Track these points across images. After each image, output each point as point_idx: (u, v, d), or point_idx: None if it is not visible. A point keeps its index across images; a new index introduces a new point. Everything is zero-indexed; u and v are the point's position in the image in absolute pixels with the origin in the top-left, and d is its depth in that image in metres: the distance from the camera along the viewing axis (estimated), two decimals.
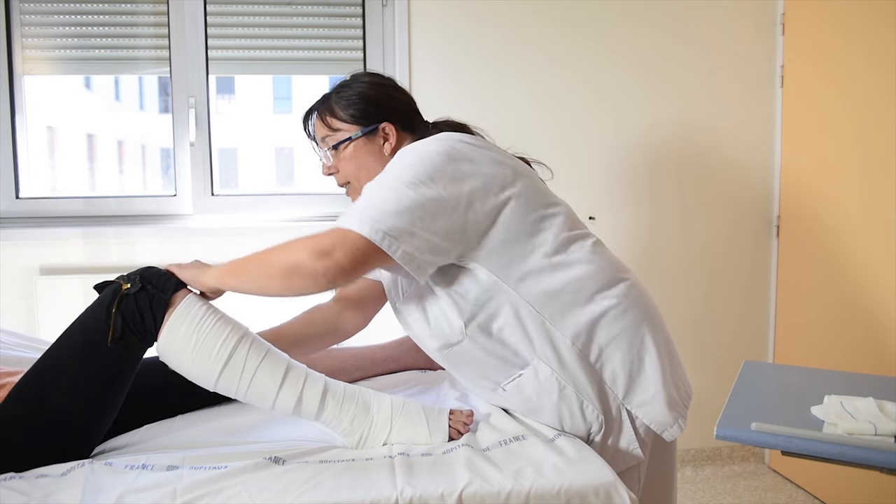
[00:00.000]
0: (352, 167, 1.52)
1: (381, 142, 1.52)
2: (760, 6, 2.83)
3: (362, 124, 1.51)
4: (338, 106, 1.52)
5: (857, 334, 2.45)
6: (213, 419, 1.49)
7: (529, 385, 1.39)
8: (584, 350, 1.38)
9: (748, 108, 2.88)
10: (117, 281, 1.33)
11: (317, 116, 1.55)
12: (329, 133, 1.53)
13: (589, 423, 1.39)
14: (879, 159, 2.34)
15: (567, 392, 1.38)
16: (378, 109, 1.52)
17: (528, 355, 1.38)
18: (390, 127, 1.52)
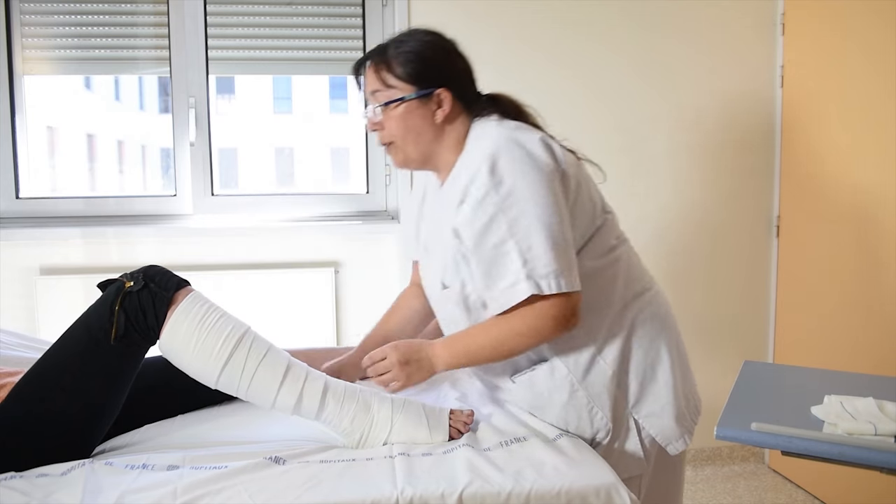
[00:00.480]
0: (399, 128, 1.41)
1: (434, 107, 1.41)
2: (760, 6, 2.83)
3: (418, 86, 1.40)
4: (395, 61, 1.40)
5: (857, 334, 2.45)
6: (214, 419, 1.49)
7: (542, 381, 1.40)
8: (601, 355, 1.40)
9: (748, 108, 2.88)
10: (121, 279, 1.33)
11: (371, 68, 1.43)
12: (381, 88, 1.41)
13: (596, 428, 1.41)
14: (879, 159, 2.34)
15: (578, 395, 1.40)
16: (436, 73, 1.41)
17: (548, 352, 1.40)
18: (446, 93, 1.41)
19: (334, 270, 2.70)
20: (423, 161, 1.45)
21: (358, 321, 2.75)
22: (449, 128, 1.43)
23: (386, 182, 2.79)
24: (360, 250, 2.74)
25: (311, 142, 3.56)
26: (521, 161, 1.32)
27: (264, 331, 1.39)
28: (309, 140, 3.60)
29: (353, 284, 2.74)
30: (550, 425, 1.39)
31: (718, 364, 2.77)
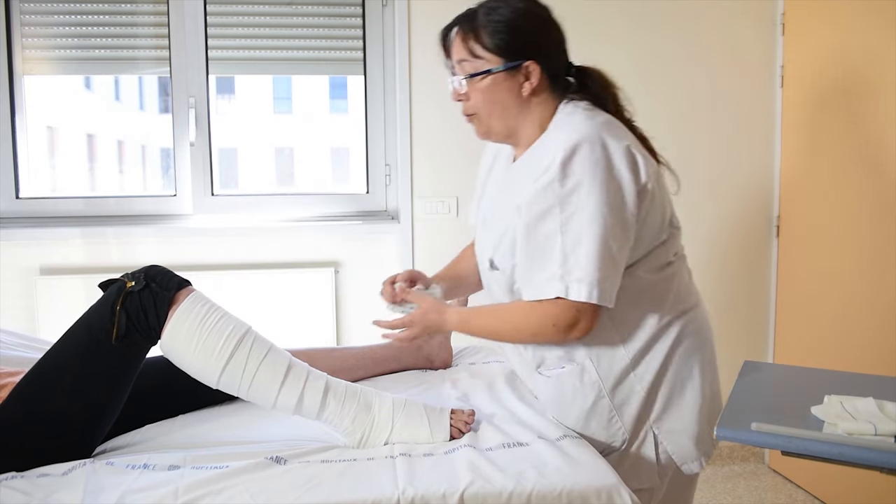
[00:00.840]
0: (484, 101, 1.36)
1: (521, 80, 1.35)
2: (760, 6, 2.83)
3: (506, 58, 1.33)
4: (484, 30, 1.34)
5: (857, 334, 2.46)
6: (215, 419, 1.49)
7: (569, 382, 1.38)
8: (635, 370, 1.38)
9: (748, 108, 2.88)
10: (122, 279, 1.33)
11: (459, 35, 1.37)
12: (468, 58, 1.35)
13: (611, 437, 1.40)
14: (879, 159, 2.34)
15: (603, 402, 1.38)
16: (527, 45, 1.34)
17: (582, 354, 1.38)
18: (535, 67, 1.34)
19: (334, 270, 2.70)
20: (506, 135, 1.40)
21: (358, 321, 2.75)
22: (535, 101, 1.37)
23: (386, 182, 2.79)
24: (360, 250, 2.74)
25: (311, 142, 3.56)
26: (597, 162, 1.26)
27: (265, 331, 1.39)
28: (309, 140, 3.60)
29: (353, 284, 2.74)
30: (553, 426, 1.39)
31: (719, 364, 2.77)
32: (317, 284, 2.65)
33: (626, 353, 1.37)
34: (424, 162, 2.74)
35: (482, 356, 1.89)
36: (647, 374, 1.38)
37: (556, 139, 1.31)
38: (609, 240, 1.25)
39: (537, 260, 1.28)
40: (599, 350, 1.37)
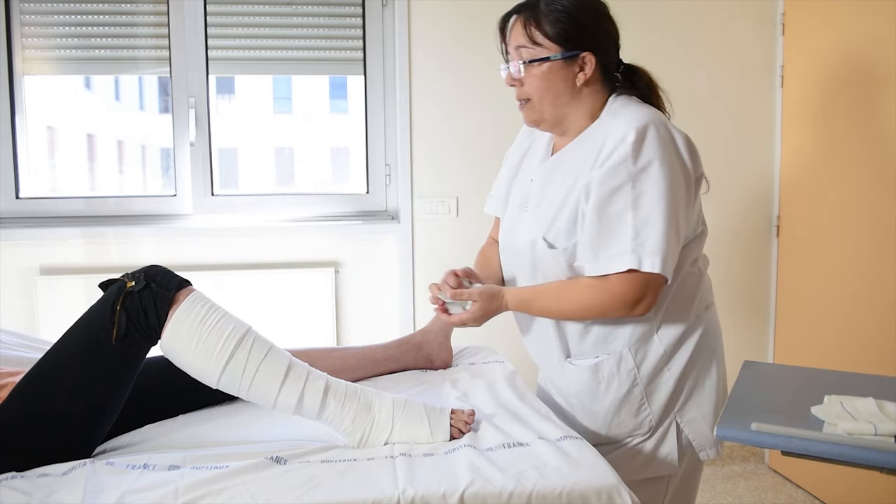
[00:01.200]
0: (539, 87, 1.39)
1: (576, 70, 1.39)
2: (760, 6, 2.83)
3: (564, 47, 1.37)
4: (545, 19, 1.37)
5: (857, 334, 2.46)
6: (215, 419, 1.49)
7: (607, 369, 1.43)
8: (670, 362, 1.45)
9: (748, 108, 2.88)
10: (122, 279, 1.33)
11: (519, 22, 1.41)
12: (527, 45, 1.39)
13: (639, 424, 1.46)
14: (879, 159, 2.34)
15: (636, 391, 1.44)
16: (585, 36, 1.39)
17: (621, 343, 1.43)
18: (591, 58, 1.39)
19: (334, 270, 2.70)
20: (556, 122, 1.44)
21: (358, 321, 2.76)
22: (587, 91, 1.42)
23: (386, 182, 2.79)
24: (360, 250, 2.74)
25: (311, 142, 3.56)
26: (666, 144, 1.33)
27: (265, 331, 1.39)
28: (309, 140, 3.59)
29: (353, 284, 2.74)
30: (553, 426, 1.39)
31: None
32: (317, 284, 2.65)
33: (661, 344, 1.44)
34: (424, 162, 2.74)
35: (482, 356, 1.89)
36: (676, 365, 1.45)
37: (617, 124, 1.37)
38: (676, 217, 1.32)
39: (606, 236, 1.32)
40: (638, 340, 1.43)
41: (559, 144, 1.50)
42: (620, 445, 1.49)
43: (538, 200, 1.46)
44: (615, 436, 1.48)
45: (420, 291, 2.77)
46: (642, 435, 1.47)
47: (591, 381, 1.45)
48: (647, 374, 1.44)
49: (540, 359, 1.58)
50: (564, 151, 1.46)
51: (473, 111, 2.75)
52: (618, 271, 1.31)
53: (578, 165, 1.40)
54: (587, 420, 1.50)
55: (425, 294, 2.74)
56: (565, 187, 1.41)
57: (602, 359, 1.44)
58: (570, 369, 1.47)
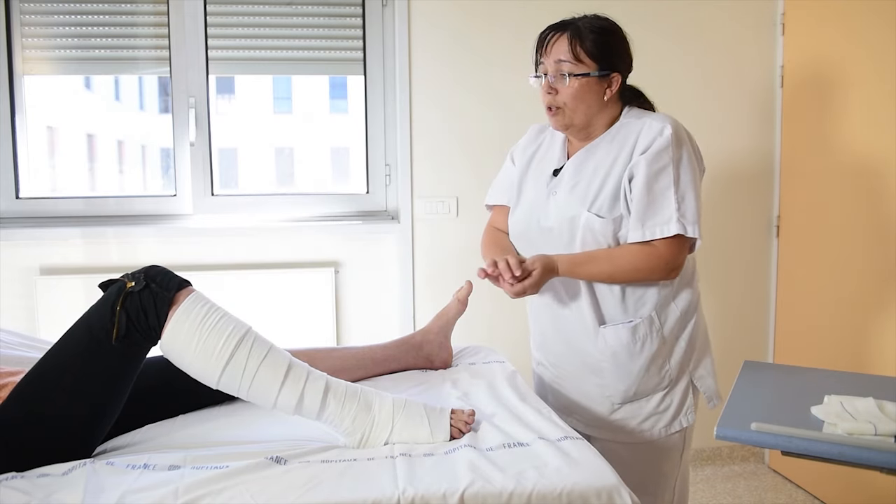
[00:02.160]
0: (573, 98, 1.62)
1: (605, 86, 1.64)
2: (760, 6, 2.83)
3: (601, 66, 1.61)
4: (588, 39, 1.60)
5: (857, 334, 2.46)
6: (215, 419, 1.49)
7: (643, 330, 1.65)
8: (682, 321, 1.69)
9: (748, 108, 2.88)
10: (122, 279, 1.33)
11: (564, 39, 1.62)
12: (569, 59, 1.61)
13: (661, 379, 1.68)
14: (879, 159, 2.34)
15: (662, 350, 1.67)
16: (617, 59, 1.64)
17: (648, 308, 1.66)
18: (618, 78, 1.65)
19: (334, 270, 2.70)
20: (582, 128, 1.67)
21: (358, 321, 2.76)
22: (609, 105, 1.66)
23: (386, 182, 2.79)
24: (360, 250, 2.74)
25: (311, 142, 3.56)
26: (690, 140, 1.65)
27: (265, 331, 1.39)
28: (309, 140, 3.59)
29: (353, 284, 2.74)
30: (553, 426, 1.39)
31: (719, 364, 2.77)
32: (317, 284, 2.65)
33: (677, 309, 1.69)
34: (424, 162, 2.74)
35: (482, 356, 1.89)
36: (689, 329, 1.71)
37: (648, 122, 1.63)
38: (699, 195, 1.62)
39: (652, 208, 1.58)
40: (661, 305, 1.66)
41: (577, 144, 1.72)
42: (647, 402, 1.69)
43: (573, 184, 1.66)
44: (642, 392, 1.68)
45: (420, 291, 2.77)
46: (662, 389, 1.69)
47: (630, 341, 1.64)
48: (668, 335, 1.67)
49: (572, 330, 1.71)
50: (592, 146, 1.68)
51: (473, 111, 2.75)
52: (666, 235, 1.57)
53: (613, 154, 1.64)
54: (619, 380, 1.67)
55: (425, 294, 2.76)
56: (602, 170, 1.64)
57: (637, 321, 1.65)
58: (607, 332, 1.65)
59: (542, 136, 1.84)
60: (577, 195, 1.65)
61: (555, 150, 1.76)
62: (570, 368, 1.74)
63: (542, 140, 1.82)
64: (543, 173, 1.75)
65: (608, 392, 1.69)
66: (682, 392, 1.71)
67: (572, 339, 1.71)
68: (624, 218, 1.61)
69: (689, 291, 1.72)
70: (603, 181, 1.63)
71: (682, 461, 1.76)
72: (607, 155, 1.65)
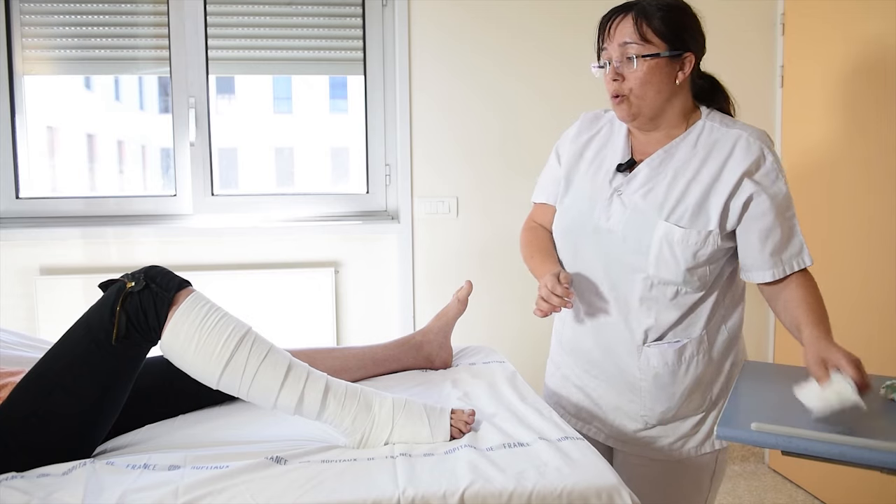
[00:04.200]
0: (642, 82, 1.46)
1: (677, 68, 1.49)
2: (760, 6, 2.83)
3: (672, 45, 1.47)
4: (655, 17, 1.46)
5: (857, 334, 2.45)
6: (215, 419, 1.49)
7: (690, 350, 1.53)
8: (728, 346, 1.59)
9: (748, 108, 2.87)
10: (122, 279, 1.33)
11: (629, 19, 1.47)
12: (637, 41, 1.45)
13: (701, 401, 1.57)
14: (879, 159, 2.34)
15: (709, 372, 1.56)
16: (689, 38, 1.51)
17: (699, 327, 1.54)
18: (691, 58, 1.51)
19: (334, 270, 2.70)
20: (652, 118, 1.51)
21: (358, 321, 2.76)
22: (680, 90, 1.52)
23: (386, 182, 2.79)
24: (360, 250, 2.74)
25: (311, 142, 3.56)
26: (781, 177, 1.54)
27: (265, 331, 1.39)
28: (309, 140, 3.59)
29: (353, 284, 2.74)
30: (553, 426, 1.39)
31: None
32: (317, 284, 2.65)
33: (726, 331, 1.59)
34: (424, 162, 2.74)
35: (482, 356, 1.89)
36: (734, 349, 1.61)
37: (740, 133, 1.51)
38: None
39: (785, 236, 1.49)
40: (712, 326, 1.56)
41: (642, 138, 1.56)
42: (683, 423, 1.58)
43: (648, 187, 1.50)
44: (681, 415, 1.57)
45: (420, 291, 2.77)
46: (702, 412, 1.58)
47: (675, 361, 1.52)
48: (716, 358, 1.57)
49: (608, 341, 1.57)
50: (671, 147, 1.52)
51: (474, 111, 2.75)
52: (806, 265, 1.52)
53: (698, 161, 1.49)
54: (658, 402, 1.55)
55: (425, 294, 2.76)
56: (684, 178, 1.49)
57: (685, 342, 1.53)
58: (651, 352, 1.53)
59: (597, 124, 1.66)
60: (653, 201, 1.48)
61: (617, 143, 1.59)
62: (604, 380, 1.60)
63: (599, 129, 1.65)
64: (603, 167, 1.57)
65: (643, 412, 1.57)
66: (718, 413, 1.55)
67: (613, 353, 1.57)
68: (713, 236, 1.46)
69: (739, 310, 1.63)
70: (685, 190, 1.47)
71: (713, 486, 1.63)
72: (690, 161, 1.49)
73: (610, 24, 1.49)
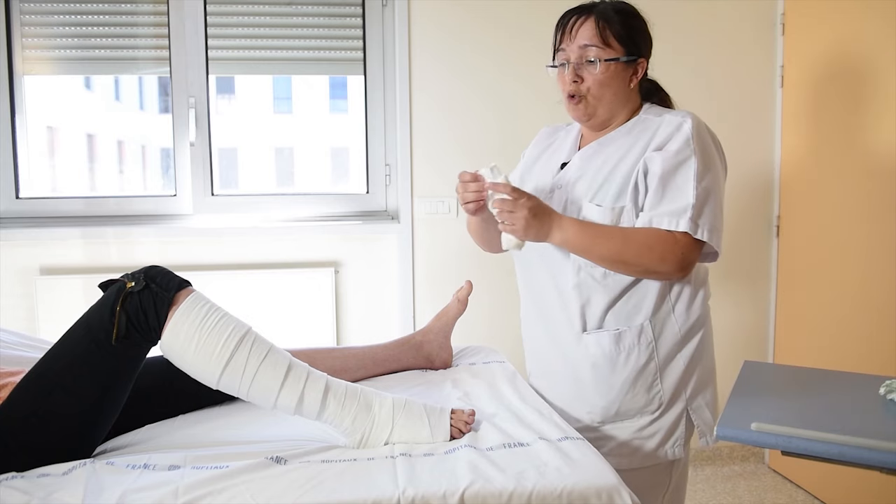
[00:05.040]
0: (601, 85, 1.51)
1: (631, 73, 1.54)
2: (760, 6, 2.83)
3: (629, 51, 1.52)
4: (615, 22, 1.51)
5: (857, 334, 2.46)
6: (215, 419, 1.49)
7: (629, 339, 1.50)
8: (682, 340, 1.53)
9: (748, 108, 2.88)
10: (122, 279, 1.33)
11: (590, 22, 1.51)
12: (597, 45, 1.50)
13: (651, 400, 1.52)
14: (879, 159, 2.34)
15: (651, 365, 1.52)
16: (644, 44, 1.56)
17: (642, 317, 1.51)
18: (644, 64, 1.56)
19: (334, 270, 2.70)
20: (605, 119, 1.56)
21: (358, 321, 2.76)
22: (632, 94, 1.57)
23: (386, 182, 2.79)
24: (360, 250, 2.74)
25: (311, 142, 3.56)
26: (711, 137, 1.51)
27: (265, 331, 1.39)
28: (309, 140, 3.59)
29: (353, 284, 2.74)
30: (554, 426, 1.39)
31: (719, 364, 2.77)
32: (317, 284, 2.65)
33: (678, 325, 1.53)
34: (424, 162, 2.74)
35: (482, 356, 1.89)
36: (688, 350, 1.54)
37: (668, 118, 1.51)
38: (721, 200, 1.48)
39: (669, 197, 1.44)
40: (657, 317, 1.51)
41: (591, 137, 1.61)
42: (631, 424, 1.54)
43: (579, 174, 1.55)
44: (626, 412, 1.53)
45: (420, 291, 2.77)
46: (651, 413, 1.53)
47: (612, 350, 1.51)
48: (662, 351, 1.52)
49: (554, 332, 1.59)
50: (605, 140, 1.57)
51: (473, 111, 2.75)
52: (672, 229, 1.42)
53: (625, 148, 1.52)
54: (599, 394, 1.53)
55: (425, 294, 2.76)
56: (610, 164, 1.52)
57: (624, 329, 1.51)
58: (590, 339, 1.52)
59: (555, 135, 1.72)
60: (583, 188, 1.53)
61: (566, 146, 1.65)
62: (554, 373, 1.62)
63: (555, 139, 1.71)
64: (549, 168, 1.64)
65: (587, 407, 1.55)
66: (674, 420, 1.54)
67: (558, 342, 1.59)
68: (627, 212, 1.47)
69: (697, 307, 1.55)
70: (609, 173, 1.51)
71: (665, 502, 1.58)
72: (620, 148, 1.53)
73: (571, 26, 1.53)
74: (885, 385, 1.34)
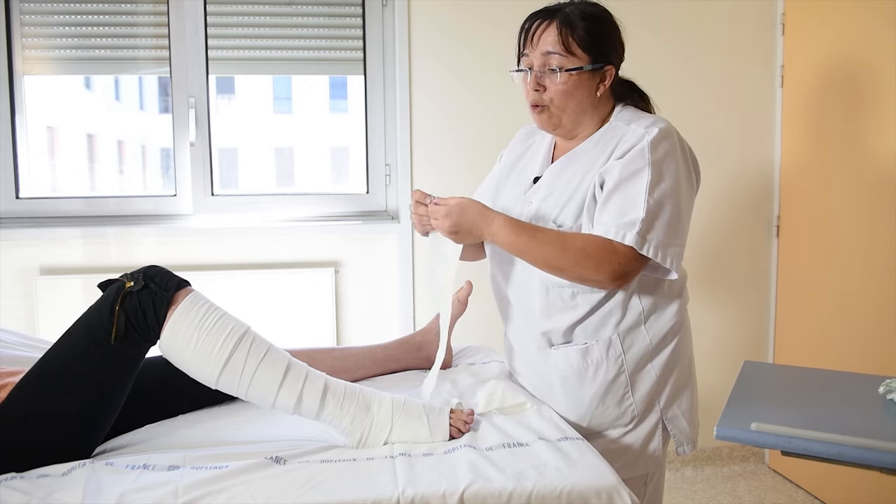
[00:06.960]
0: (563, 94, 1.44)
1: (598, 80, 1.46)
2: (760, 6, 2.83)
3: (594, 58, 1.44)
4: (579, 28, 1.42)
5: (857, 334, 2.46)
6: (214, 419, 1.49)
7: (596, 353, 1.46)
8: (653, 350, 1.48)
9: (748, 108, 2.88)
10: (121, 279, 1.33)
11: (552, 28, 1.43)
12: (560, 52, 1.42)
13: (622, 413, 1.48)
14: (879, 159, 2.34)
15: (621, 378, 1.47)
16: (610, 50, 1.46)
17: (610, 330, 1.46)
18: (612, 71, 1.47)
19: (334, 270, 2.70)
20: (571, 128, 1.50)
21: (358, 321, 2.76)
22: (601, 101, 1.49)
23: (386, 182, 2.79)
24: (360, 250, 2.74)
25: (311, 142, 3.56)
26: (680, 146, 1.44)
27: (264, 331, 1.39)
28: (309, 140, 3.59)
29: (353, 284, 2.74)
30: (553, 426, 1.39)
31: (719, 364, 2.77)
32: (317, 284, 2.65)
33: (648, 335, 1.48)
34: (424, 162, 2.74)
35: (482, 356, 1.89)
36: (660, 359, 1.49)
37: (633, 127, 1.44)
38: (680, 213, 1.40)
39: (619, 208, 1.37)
40: (626, 329, 1.46)
41: (563, 146, 1.55)
42: (603, 437, 1.50)
43: (547, 193, 1.49)
44: (597, 425, 1.50)
45: (420, 291, 2.77)
46: (624, 426, 1.49)
47: (580, 365, 1.47)
48: (632, 363, 1.47)
49: (522, 345, 1.57)
50: (576, 151, 1.50)
51: (473, 111, 2.75)
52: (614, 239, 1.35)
53: (591, 161, 1.46)
54: (570, 408, 1.50)
55: (425, 294, 2.76)
56: (577, 178, 1.46)
57: (591, 343, 1.47)
58: (557, 354, 1.49)
59: (532, 138, 1.65)
60: (548, 206, 1.47)
61: (539, 156, 1.58)
62: (528, 386, 1.60)
63: (532, 143, 1.64)
64: (523, 181, 1.58)
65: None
66: (648, 432, 1.49)
67: (528, 356, 1.57)
68: (585, 229, 1.42)
69: (669, 317, 1.49)
70: (575, 188, 1.45)
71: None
72: (587, 161, 1.47)
73: (533, 31, 1.45)
74: (884, 384, 1.34)
